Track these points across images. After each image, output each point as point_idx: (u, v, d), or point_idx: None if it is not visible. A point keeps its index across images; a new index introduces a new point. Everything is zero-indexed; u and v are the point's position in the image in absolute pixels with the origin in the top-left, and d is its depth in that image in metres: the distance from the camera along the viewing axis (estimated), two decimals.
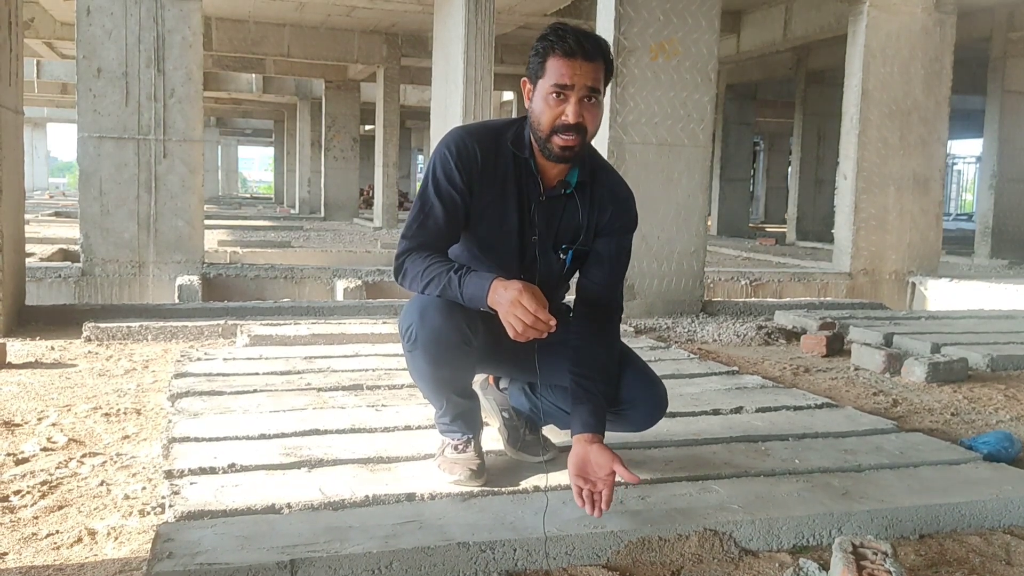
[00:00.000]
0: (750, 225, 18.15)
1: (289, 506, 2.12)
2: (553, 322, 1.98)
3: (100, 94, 6.10)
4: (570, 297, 2.74)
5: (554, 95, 2.12)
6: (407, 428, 2.80)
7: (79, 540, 2.07)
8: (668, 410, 2.39)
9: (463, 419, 2.37)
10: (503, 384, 2.66)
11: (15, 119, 4.77)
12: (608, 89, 5.99)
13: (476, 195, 2.24)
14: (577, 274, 2.41)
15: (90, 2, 6.05)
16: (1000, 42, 11.30)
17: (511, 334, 2.01)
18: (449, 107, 8.27)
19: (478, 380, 2.69)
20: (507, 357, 2.39)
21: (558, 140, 2.15)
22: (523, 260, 2.31)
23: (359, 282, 6.63)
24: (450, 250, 2.30)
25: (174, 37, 6.19)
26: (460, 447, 2.33)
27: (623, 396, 2.29)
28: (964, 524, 2.29)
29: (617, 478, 2.08)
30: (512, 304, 1.99)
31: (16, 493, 2.36)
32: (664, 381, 2.40)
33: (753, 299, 7.12)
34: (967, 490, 2.40)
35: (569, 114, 2.12)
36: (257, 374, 3.57)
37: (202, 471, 2.34)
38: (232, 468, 2.37)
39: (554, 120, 2.14)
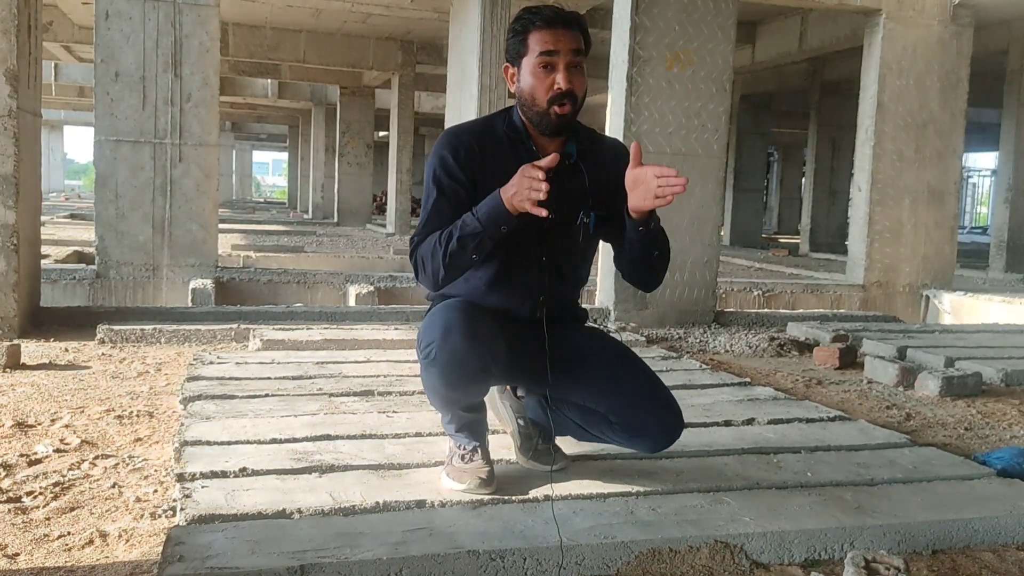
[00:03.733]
0: (763, 236, 18.09)
1: (300, 511, 2.12)
2: (546, 163, 2.05)
3: (117, 98, 6.14)
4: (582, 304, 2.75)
5: (542, 66, 2.17)
6: (418, 435, 2.80)
7: (90, 542, 2.07)
8: (671, 444, 2.37)
9: (468, 429, 2.37)
10: (520, 392, 2.65)
11: (33, 122, 4.81)
12: (623, 98, 5.99)
13: (480, 187, 2.25)
14: (613, 252, 2.42)
15: (109, 6, 6.10)
16: (1017, 55, 11.24)
17: (531, 204, 2.05)
18: (464, 114, 8.28)
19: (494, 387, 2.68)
20: (522, 373, 2.40)
21: (556, 110, 2.20)
22: (541, 237, 2.31)
23: (371, 288, 6.65)
24: None
25: (191, 42, 6.23)
26: (467, 456, 2.33)
27: (636, 422, 2.29)
28: (977, 540, 2.27)
29: None
30: (520, 185, 2.06)
31: (29, 494, 2.37)
32: (675, 392, 2.40)
33: (765, 310, 7.09)
34: (980, 506, 2.38)
35: (560, 81, 2.17)
36: (269, 378, 3.58)
37: (213, 475, 2.34)
38: (243, 472, 2.37)
39: (547, 91, 2.19)
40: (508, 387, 2.68)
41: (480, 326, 2.16)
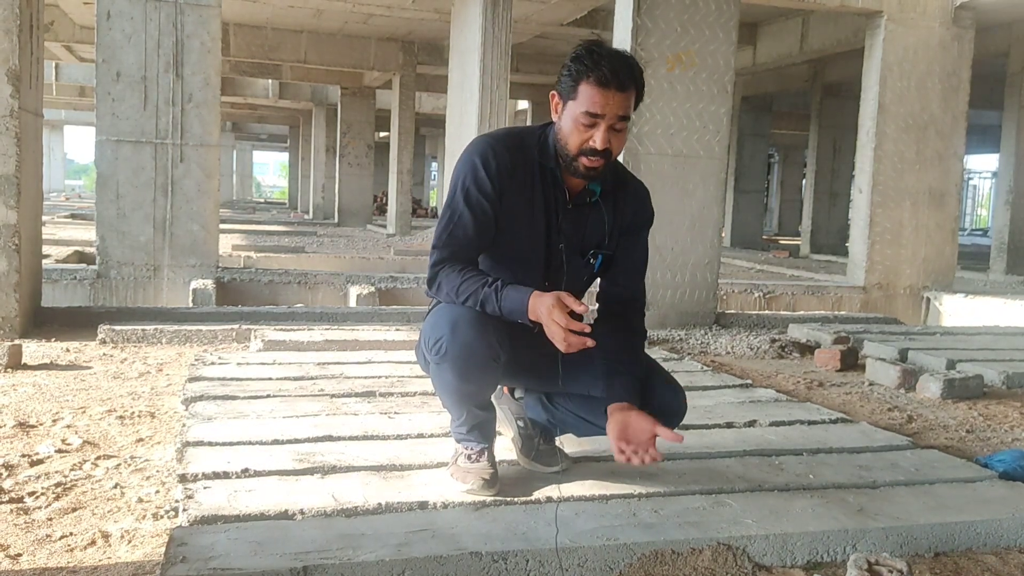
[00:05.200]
0: (764, 237, 18.09)
1: (302, 512, 2.12)
2: (587, 329, 2.03)
3: (119, 98, 6.14)
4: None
5: (584, 122, 2.15)
6: (420, 436, 2.80)
7: (93, 542, 2.07)
8: (681, 422, 2.40)
9: (479, 429, 2.37)
10: (518, 394, 2.66)
11: (34, 121, 4.81)
12: None
13: (505, 203, 2.26)
14: (598, 280, 2.44)
15: (110, 6, 6.10)
16: (1018, 57, 11.24)
17: (562, 348, 2.06)
18: (464, 115, 8.29)
19: None
20: (526, 368, 2.41)
21: (584, 161, 2.20)
22: (549, 267, 2.32)
23: (372, 288, 6.64)
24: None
25: (193, 42, 6.23)
26: (474, 456, 2.33)
27: (656, 404, 2.29)
28: (980, 542, 2.27)
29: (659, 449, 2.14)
30: (547, 322, 2.05)
31: (31, 494, 2.37)
32: None
33: (766, 312, 7.09)
34: (983, 508, 2.39)
35: (597, 141, 2.16)
36: (271, 379, 3.58)
37: (216, 476, 2.34)
38: (245, 473, 2.37)
39: (582, 144, 2.18)
40: (505, 390, 2.69)
41: (485, 317, 2.17)
